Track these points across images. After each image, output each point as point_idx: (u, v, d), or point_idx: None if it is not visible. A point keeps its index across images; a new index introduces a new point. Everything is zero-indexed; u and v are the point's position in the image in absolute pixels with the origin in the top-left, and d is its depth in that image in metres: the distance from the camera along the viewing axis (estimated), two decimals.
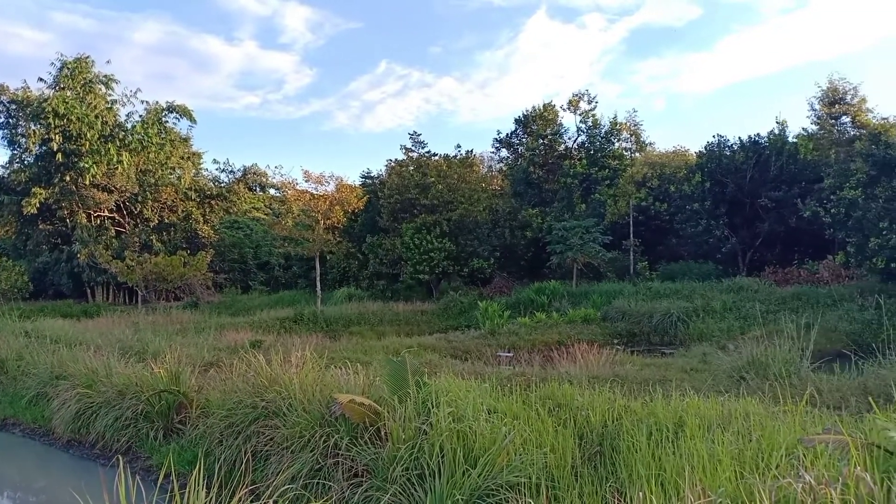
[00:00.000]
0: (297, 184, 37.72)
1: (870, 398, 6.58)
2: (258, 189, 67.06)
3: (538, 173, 45.54)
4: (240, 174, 66.53)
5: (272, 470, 7.85)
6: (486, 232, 38.55)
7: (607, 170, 43.32)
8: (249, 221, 55.63)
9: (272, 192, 66.45)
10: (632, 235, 37.59)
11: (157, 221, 49.94)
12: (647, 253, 39.02)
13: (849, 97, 37.64)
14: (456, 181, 37.44)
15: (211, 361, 14.76)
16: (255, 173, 67.13)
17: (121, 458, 6.03)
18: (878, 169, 26.85)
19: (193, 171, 55.22)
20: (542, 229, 38.77)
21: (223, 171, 66.63)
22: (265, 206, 61.58)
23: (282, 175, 64.79)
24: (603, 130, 46.14)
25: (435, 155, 40.96)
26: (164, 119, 50.09)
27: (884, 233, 22.87)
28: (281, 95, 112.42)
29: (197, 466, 4.57)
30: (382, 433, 7.25)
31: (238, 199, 58.23)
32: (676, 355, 17.49)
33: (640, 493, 4.15)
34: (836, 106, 37.68)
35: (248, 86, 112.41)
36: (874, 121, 36.88)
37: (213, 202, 55.12)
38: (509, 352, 20.34)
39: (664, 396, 7.76)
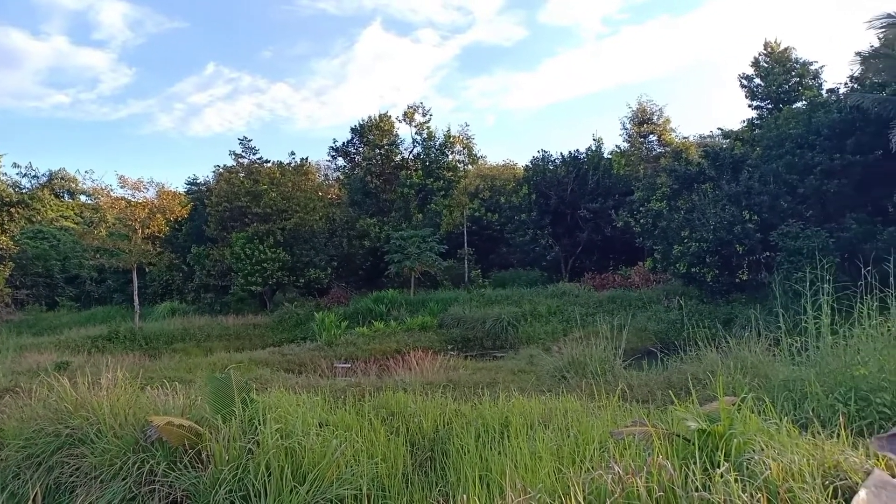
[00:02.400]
0: (111, 190, 34.60)
1: (671, 392, 7.23)
2: (67, 196, 61.05)
3: (375, 183, 45.72)
4: (45, 179, 60.22)
5: (79, 502, 7.09)
6: (322, 241, 37.89)
7: (442, 181, 44.52)
8: (56, 231, 50.63)
9: (83, 198, 60.71)
10: (466, 244, 38.84)
11: None
12: (481, 261, 40.55)
13: (655, 118, 41.91)
14: (290, 189, 36.44)
15: (7, 387, 13.14)
16: (62, 178, 61.03)
17: None
18: (679, 183, 30.06)
19: None
20: (380, 238, 38.91)
21: (25, 175, 59.95)
22: (75, 214, 56.39)
23: (94, 180, 59.35)
24: (437, 143, 47.38)
25: (268, 162, 39.57)
26: None
27: (685, 241, 25.52)
28: (95, 95, 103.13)
29: None
30: (204, 455, 6.78)
31: (43, 206, 52.87)
32: (507, 358, 18.24)
33: (464, 495, 4.20)
34: (645, 125, 41.78)
35: (58, 84, 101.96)
36: (676, 139, 41.40)
37: (12, 210, 49.58)
38: (346, 362, 20.10)
39: (492, 398, 8.00)
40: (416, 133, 47.70)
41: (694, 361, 10.95)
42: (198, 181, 44.07)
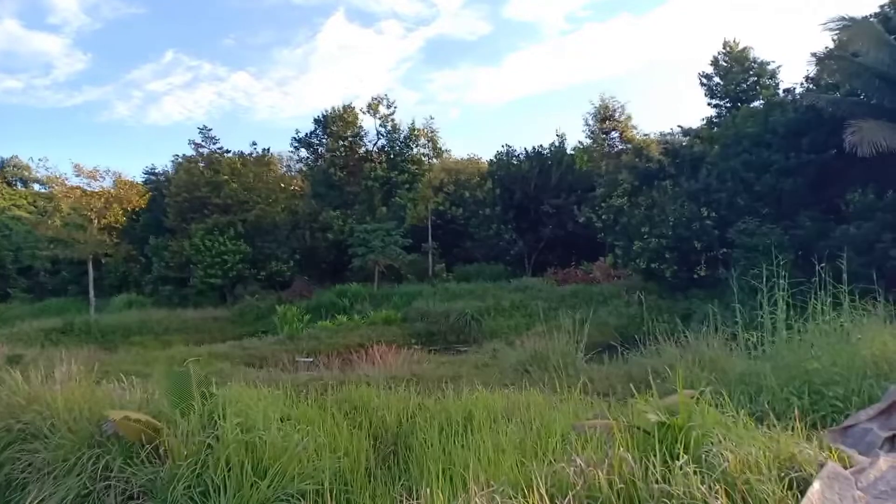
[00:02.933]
0: (66, 179, 33.69)
1: (631, 385, 7.32)
2: (20, 184, 59.32)
3: (339, 175, 45.22)
4: None
5: (31, 499, 6.88)
6: (285, 233, 37.45)
7: (407, 174, 44.30)
8: (8, 220, 49.09)
9: (37, 187, 59.02)
10: (430, 238, 38.79)
11: None
12: (445, 255, 40.53)
13: (617, 115, 42.33)
14: (252, 180, 35.92)
15: None
16: (15, 166, 59.32)
17: None
18: (640, 180, 30.48)
19: None
20: (344, 231, 38.60)
21: None
22: (28, 203, 54.75)
23: (48, 169, 57.64)
24: (402, 135, 47.06)
25: (228, 152, 38.87)
26: None
27: (645, 237, 25.90)
28: (49, 81, 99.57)
29: None
30: (162, 451, 6.64)
31: None
32: (470, 352, 18.27)
33: (427, 489, 4.19)
34: (607, 122, 42.17)
35: (9, 69, 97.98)
36: (638, 136, 41.84)
37: None
38: (308, 357, 19.91)
39: (456, 392, 8.00)
40: (380, 125, 47.33)
41: (653, 355, 11.10)
42: (156, 171, 43.25)
